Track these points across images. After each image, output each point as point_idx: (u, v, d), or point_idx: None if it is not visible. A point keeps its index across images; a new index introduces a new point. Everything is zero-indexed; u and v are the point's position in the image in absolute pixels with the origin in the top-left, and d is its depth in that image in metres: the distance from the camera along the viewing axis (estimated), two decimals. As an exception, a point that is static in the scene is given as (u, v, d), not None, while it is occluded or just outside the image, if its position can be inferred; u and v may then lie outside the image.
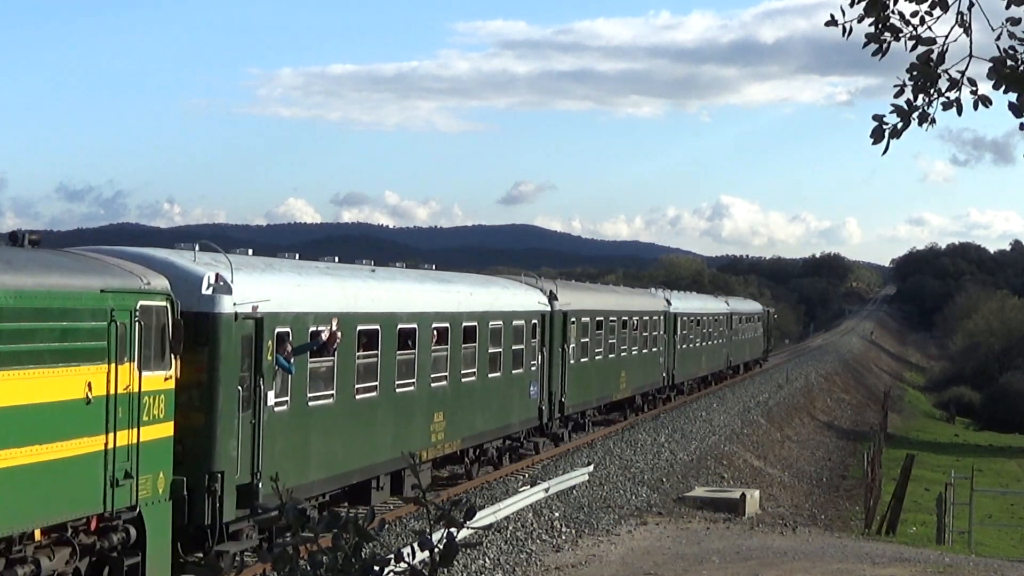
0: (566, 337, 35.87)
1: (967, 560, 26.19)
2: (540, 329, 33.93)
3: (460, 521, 5.17)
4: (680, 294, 60.44)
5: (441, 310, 27.09)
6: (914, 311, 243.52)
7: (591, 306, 40.00)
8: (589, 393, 39.50)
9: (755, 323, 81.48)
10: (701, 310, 60.36)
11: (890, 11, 7.93)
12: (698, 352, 58.65)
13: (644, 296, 52.06)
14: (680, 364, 53.43)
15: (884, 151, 8.02)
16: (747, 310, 79.45)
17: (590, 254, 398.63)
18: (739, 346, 73.11)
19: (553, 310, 34.91)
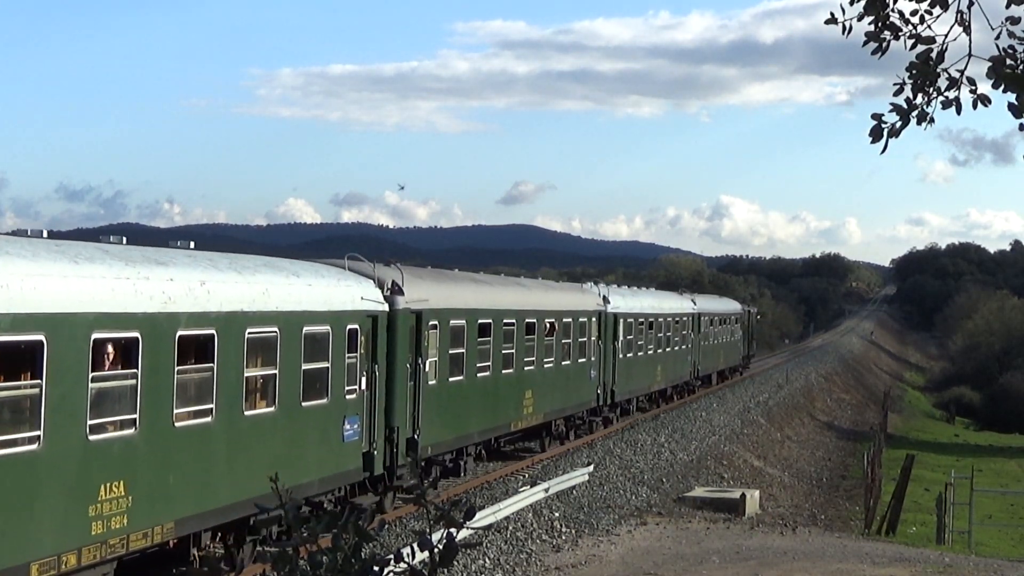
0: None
1: (967, 560, 26.19)
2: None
3: (460, 521, 5.16)
4: (625, 291, 48.47)
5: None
6: (914, 311, 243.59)
7: (461, 304, 28.63)
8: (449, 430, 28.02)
9: (731, 325, 70.28)
10: (654, 310, 49.31)
11: (890, 10, 7.93)
12: (650, 362, 48.20)
13: (569, 292, 41.08)
14: (623, 377, 43.48)
15: (883, 150, 8.02)
16: (720, 310, 68.13)
17: (590, 254, 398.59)
18: (710, 353, 62.47)
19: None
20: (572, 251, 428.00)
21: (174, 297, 16.84)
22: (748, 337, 78.21)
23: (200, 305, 17.41)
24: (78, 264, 15.48)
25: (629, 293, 47.79)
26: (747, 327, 77.15)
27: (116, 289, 15.77)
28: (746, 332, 76.77)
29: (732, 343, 70.90)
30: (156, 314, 16.40)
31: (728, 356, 69.65)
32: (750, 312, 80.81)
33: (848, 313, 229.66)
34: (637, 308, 46.22)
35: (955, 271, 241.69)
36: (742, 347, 75.59)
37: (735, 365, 73.34)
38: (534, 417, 33.74)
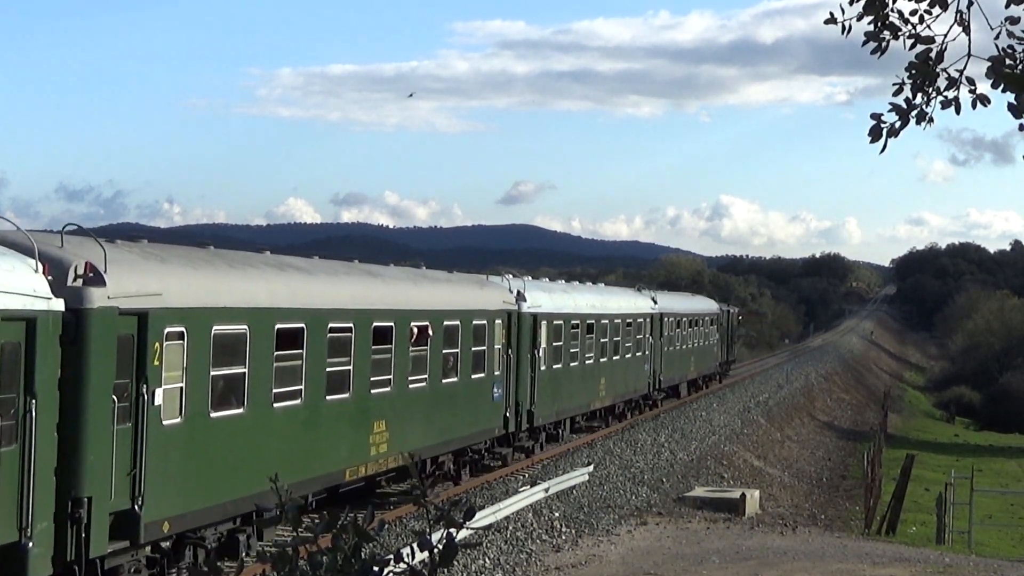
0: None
1: (967, 560, 26.19)
2: None
3: (459, 521, 5.17)
4: (552, 285, 39.38)
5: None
6: (914, 311, 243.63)
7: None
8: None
9: (705, 327, 61.38)
10: (594, 310, 39.96)
11: (889, 9, 7.93)
12: (587, 374, 39.01)
13: (467, 288, 30.88)
14: (546, 394, 34.11)
15: (882, 150, 8.03)
16: (691, 310, 58.84)
17: (590, 254, 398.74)
18: (677, 359, 53.47)
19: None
20: (572, 251, 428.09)
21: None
22: (727, 341, 70.36)
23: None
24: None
25: (558, 289, 38.58)
26: (726, 329, 69.37)
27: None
28: (725, 335, 68.70)
29: (706, 348, 61.86)
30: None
31: (701, 363, 60.47)
32: (729, 312, 72.75)
33: (848, 313, 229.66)
34: (568, 307, 36.80)
35: (955, 271, 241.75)
36: (719, 352, 66.99)
37: (711, 372, 64.78)
38: (384, 460, 24.20)
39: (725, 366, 70.78)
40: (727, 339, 70.06)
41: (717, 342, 65.65)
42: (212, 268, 18.82)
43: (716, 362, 66.22)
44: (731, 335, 72.58)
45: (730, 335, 72.11)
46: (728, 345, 70.80)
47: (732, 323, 73.40)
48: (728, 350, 71.11)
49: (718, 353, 66.54)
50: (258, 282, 19.64)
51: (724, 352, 69.30)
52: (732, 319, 73.55)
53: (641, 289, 52.12)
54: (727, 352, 70.93)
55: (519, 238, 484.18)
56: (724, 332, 68.32)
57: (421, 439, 25.49)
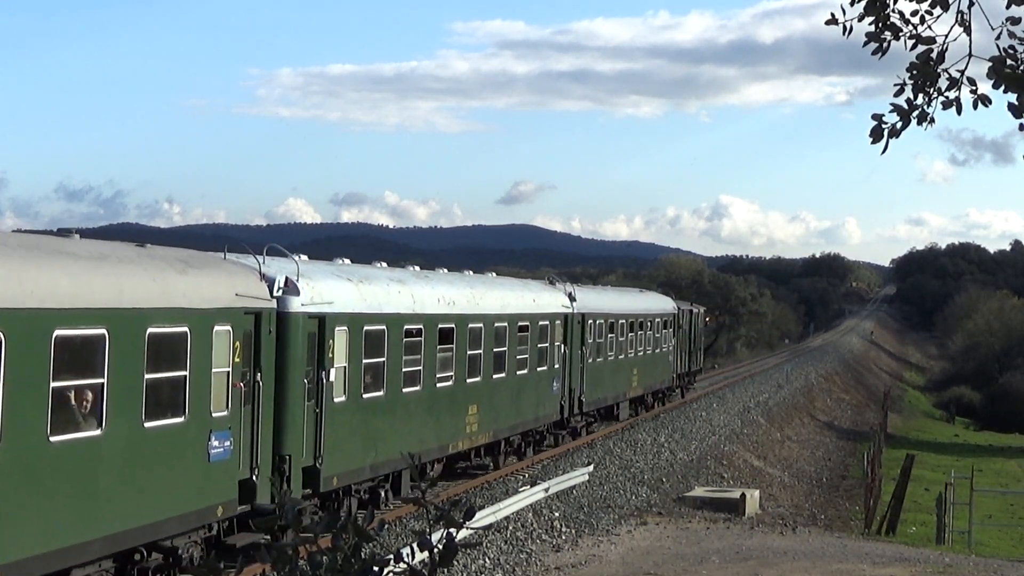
0: None
1: (967, 560, 26.19)
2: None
3: (459, 521, 5.16)
4: (365, 272, 25.13)
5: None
6: (914, 311, 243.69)
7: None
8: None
9: (656, 331, 49.11)
10: (449, 309, 27.83)
11: (890, 10, 7.93)
12: (430, 405, 26.61)
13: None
14: (341, 440, 22.29)
15: (883, 150, 8.02)
16: (629, 310, 45.34)
17: (590, 254, 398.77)
18: (610, 374, 42.07)
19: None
20: (572, 251, 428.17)
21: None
22: (689, 347, 57.22)
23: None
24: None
25: (377, 277, 24.72)
26: (688, 333, 56.43)
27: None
28: (685, 341, 55.60)
29: (656, 357, 49.14)
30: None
31: (649, 376, 48.04)
32: (693, 313, 58.72)
33: (848, 313, 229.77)
34: (389, 306, 24.28)
35: (955, 271, 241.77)
36: (676, 361, 53.56)
37: (664, 387, 51.64)
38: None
39: (686, 378, 57.82)
40: (689, 345, 57.08)
41: (673, 349, 52.56)
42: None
43: (672, 374, 52.79)
44: (695, 340, 58.97)
45: (693, 340, 58.40)
46: (691, 352, 57.89)
47: (696, 325, 59.36)
48: (691, 358, 58.14)
49: (675, 363, 53.30)
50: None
51: (685, 361, 56.35)
52: (696, 321, 59.55)
53: (554, 281, 39.65)
54: (689, 361, 57.70)
55: (519, 238, 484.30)
56: (685, 337, 55.57)
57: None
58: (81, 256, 15.55)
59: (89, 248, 16.13)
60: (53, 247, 15.35)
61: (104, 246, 16.76)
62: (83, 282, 15.17)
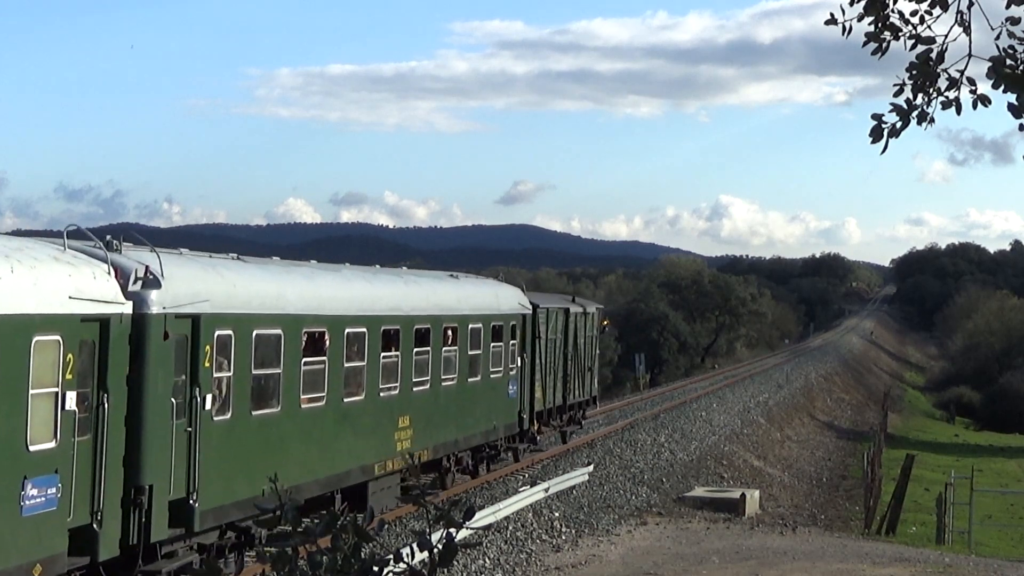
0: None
1: (967, 560, 26.20)
2: None
3: (459, 521, 5.16)
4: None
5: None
6: (914, 311, 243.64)
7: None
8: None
9: (483, 344, 29.85)
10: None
11: (890, 10, 7.93)
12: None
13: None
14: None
15: (883, 150, 8.03)
16: (408, 307, 25.48)
17: (590, 254, 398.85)
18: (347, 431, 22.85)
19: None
20: (572, 251, 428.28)
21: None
22: (564, 367, 36.15)
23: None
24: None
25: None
26: (563, 346, 35.99)
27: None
28: (554, 358, 35.17)
29: (474, 393, 29.18)
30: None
31: (452, 426, 27.87)
32: (572, 314, 37.08)
33: (848, 313, 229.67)
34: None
35: (955, 271, 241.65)
36: (526, 394, 32.81)
37: (500, 438, 31.18)
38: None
39: (563, 416, 36.65)
40: (564, 364, 36.03)
41: (516, 377, 31.83)
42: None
43: (518, 415, 31.98)
44: (581, 356, 37.80)
45: (576, 356, 37.17)
46: (569, 375, 36.41)
47: (584, 333, 38.14)
48: (571, 384, 36.63)
49: (525, 396, 32.53)
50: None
51: (553, 391, 35.03)
52: (583, 326, 38.11)
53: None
54: (566, 388, 36.21)
55: (519, 238, 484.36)
56: (554, 352, 35.06)
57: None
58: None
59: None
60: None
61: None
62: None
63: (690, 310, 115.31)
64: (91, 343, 15.22)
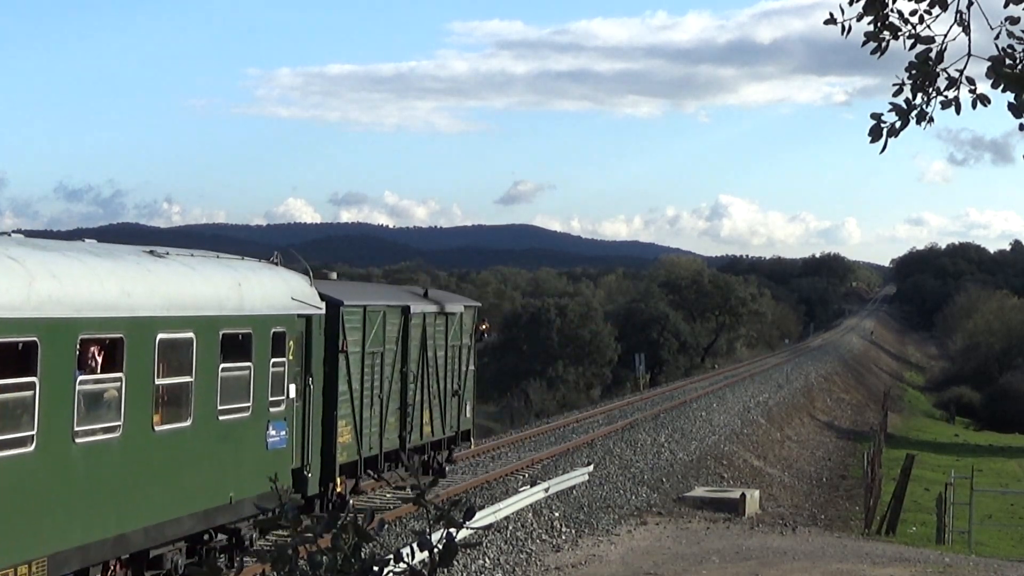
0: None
1: (967, 560, 26.21)
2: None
3: (459, 521, 5.17)
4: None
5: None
6: (914, 311, 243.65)
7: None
8: None
9: (216, 360, 17.83)
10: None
11: (889, 10, 7.94)
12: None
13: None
14: None
15: (882, 150, 8.03)
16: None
17: (590, 254, 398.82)
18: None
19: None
20: (572, 251, 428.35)
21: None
22: (403, 394, 25.83)
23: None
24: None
25: None
26: (409, 358, 26.05)
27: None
28: (380, 378, 24.66)
29: (180, 446, 17.04)
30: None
31: (146, 506, 16.21)
32: (411, 315, 26.05)
33: (848, 313, 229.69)
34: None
35: (955, 271, 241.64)
36: (320, 439, 21.81)
37: (233, 520, 18.52)
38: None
39: (402, 465, 25.45)
40: (428, 386, 27.17)
41: (298, 410, 20.83)
42: None
43: (288, 473, 20.52)
44: (448, 373, 28.72)
45: (447, 374, 28.59)
46: (436, 402, 27.75)
47: (450, 342, 28.79)
48: (435, 415, 27.63)
49: (314, 443, 21.59)
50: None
51: (380, 428, 24.80)
52: (452, 332, 28.87)
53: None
54: (418, 422, 26.54)
55: (519, 238, 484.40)
56: (399, 369, 25.80)
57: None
58: None
59: None
60: None
61: None
62: None
63: (690, 310, 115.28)
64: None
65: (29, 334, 13.71)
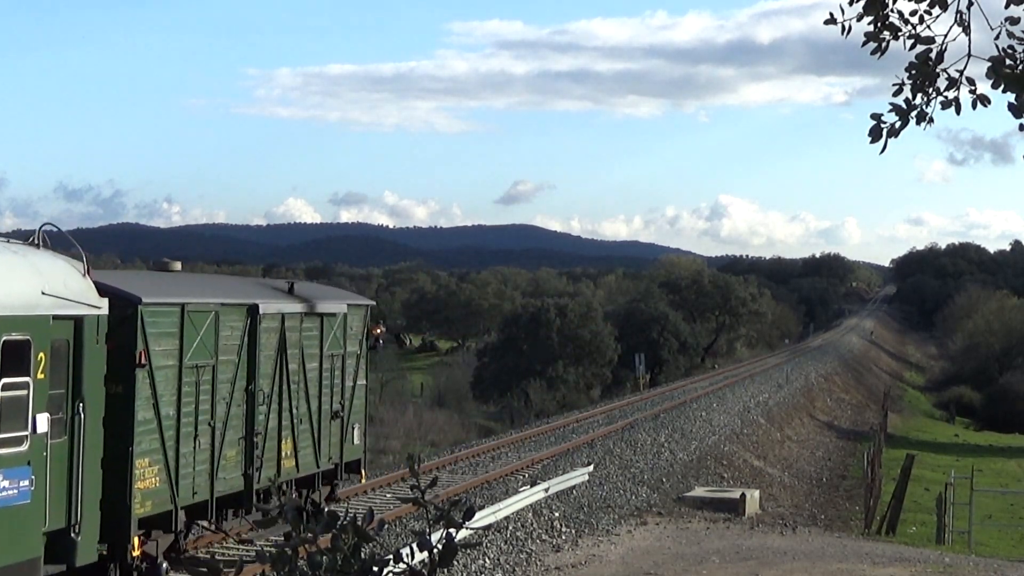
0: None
1: (967, 560, 26.21)
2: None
3: (459, 521, 5.16)
4: None
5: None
6: (914, 311, 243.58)
7: None
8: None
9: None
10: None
11: (889, 10, 7.94)
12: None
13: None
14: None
15: (882, 150, 8.02)
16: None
17: (590, 254, 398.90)
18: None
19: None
20: (572, 251, 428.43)
21: None
22: (249, 419, 19.77)
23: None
24: None
25: None
26: (259, 371, 19.93)
27: None
28: (215, 398, 18.83)
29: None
30: None
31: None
32: (260, 316, 19.82)
33: (848, 313, 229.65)
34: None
35: (955, 271, 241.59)
36: (93, 490, 15.65)
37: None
38: None
39: (254, 508, 19.93)
40: (290, 407, 21.05)
41: (53, 450, 14.94)
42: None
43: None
44: (325, 388, 22.51)
45: (323, 390, 22.47)
46: (304, 427, 21.66)
47: (326, 349, 22.46)
48: (303, 444, 21.56)
49: (87, 493, 15.57)
50: None
51: (212, 466, 18.77)
52: (330, 337, 22.58)
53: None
54: (268, 457, 20.31)
55: (519, 238, 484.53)
56: (241, 387, 19.63)
57: None
58: None
59: None
60: None
61: None
62: None
63: (690, 310, 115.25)
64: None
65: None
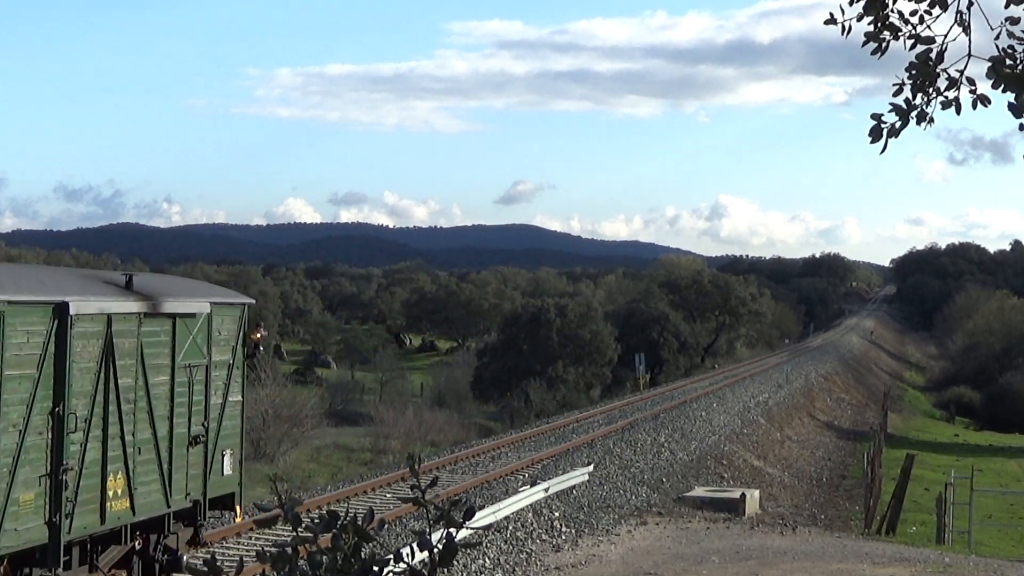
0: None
1: (967, 560, 26.21)
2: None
3: (459, 521, 5.16)
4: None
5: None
6: (914, 311, 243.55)
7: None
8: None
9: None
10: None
11: (889, 10, 7.93)
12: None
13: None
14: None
15: (883, 150, 8.02)
16: None
17: (590, 254, 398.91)
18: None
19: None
20: (572, 251, 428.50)
21: None
22: (51, 460, 14.86)
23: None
24: None
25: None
26: (59, 389, 14.95)
27: None
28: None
29: None
30: None
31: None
32: (69, 316, 14.94)
33: (848, 313, 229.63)
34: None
35: (955, 271, 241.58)
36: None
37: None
38: None
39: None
40: (114, 430, 16.07)
41: None
42: None
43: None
44: (201, 398, 18.02)
45: (201, 399, 18.06)
46: (143, 457, 16.62)
47: (181, 360, 17.39)
48: (138, 481, 16.48)
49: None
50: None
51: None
52: (190, 342, 17.67)
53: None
54: (79, 500, 15.25)
55: (518, 238, 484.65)
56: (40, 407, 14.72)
57: None
58: None
59: None
60: None
61: None
62: None
63: (690, 310, 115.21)
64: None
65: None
